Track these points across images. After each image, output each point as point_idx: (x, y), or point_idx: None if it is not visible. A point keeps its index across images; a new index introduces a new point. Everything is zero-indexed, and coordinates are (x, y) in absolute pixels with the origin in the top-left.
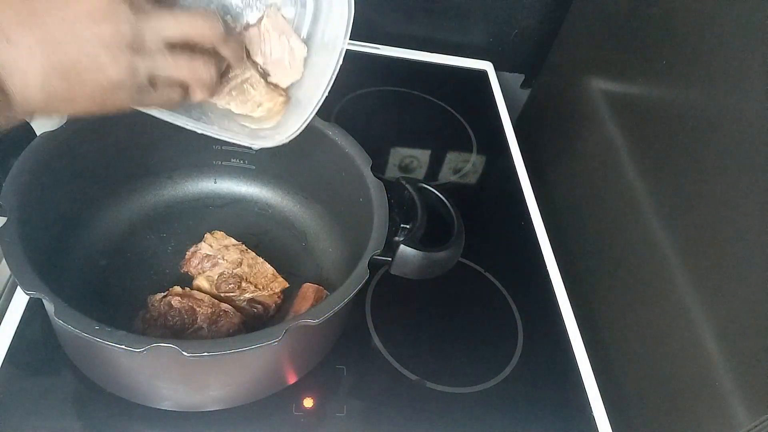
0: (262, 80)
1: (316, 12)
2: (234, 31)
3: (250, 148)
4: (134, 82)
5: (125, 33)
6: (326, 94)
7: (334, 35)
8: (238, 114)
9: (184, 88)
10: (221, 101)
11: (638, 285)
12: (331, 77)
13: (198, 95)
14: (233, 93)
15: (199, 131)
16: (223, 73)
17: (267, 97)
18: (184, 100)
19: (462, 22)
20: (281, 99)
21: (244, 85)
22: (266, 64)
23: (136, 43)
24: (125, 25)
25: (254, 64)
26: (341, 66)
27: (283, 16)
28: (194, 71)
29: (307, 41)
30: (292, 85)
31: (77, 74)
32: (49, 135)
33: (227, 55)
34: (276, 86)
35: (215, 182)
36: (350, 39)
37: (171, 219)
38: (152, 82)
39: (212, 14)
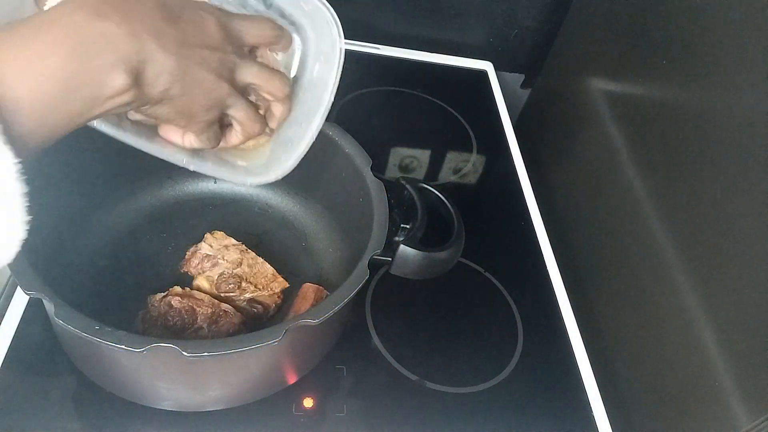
0: None
1: (305, 52)
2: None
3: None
4: (219, 110)
5: (227, 65)
6: (318, 130)
7: (325, 71)
8: (227, 151)
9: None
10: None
11: (638, 285)
12: (324, 113)
13: (237, 139)
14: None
15: (192, 168)
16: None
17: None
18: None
19: (462, 22)
20: (265, 137)
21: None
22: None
23: (231, 78)
24: (230, 59)
25: None
26: (341, 66)
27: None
28: (252, 118)
29: (297, 79)
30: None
31: (191, 84)
32: None
33: (277, 112)
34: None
35: (215, 182)
36: (351, 39)
37: (171, 219)
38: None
39: (284, 74)
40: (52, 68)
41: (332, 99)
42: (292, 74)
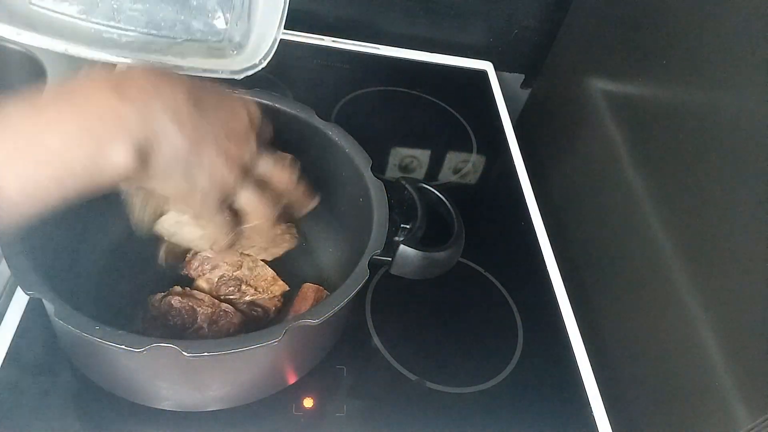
0: None
1: None
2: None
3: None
4: (227, 196)
5: (246, 156)
6: (286, 10)
7: None
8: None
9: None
10: None
11: (638, 285)
12: None
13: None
14: None
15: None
16: None
17: None
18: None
19: (462, 22)
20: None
21: None
22: None
23: (245, 168)
24: (249, 150)
25: None
26: (341, 66)
27: None
28: (262, 207)
29: None
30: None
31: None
32: None
33: (292, 199)
34: None
35: None
36: (351, 39)
37: None
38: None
39: (292, 162)
40: (48, 153)
41: None
42: None
